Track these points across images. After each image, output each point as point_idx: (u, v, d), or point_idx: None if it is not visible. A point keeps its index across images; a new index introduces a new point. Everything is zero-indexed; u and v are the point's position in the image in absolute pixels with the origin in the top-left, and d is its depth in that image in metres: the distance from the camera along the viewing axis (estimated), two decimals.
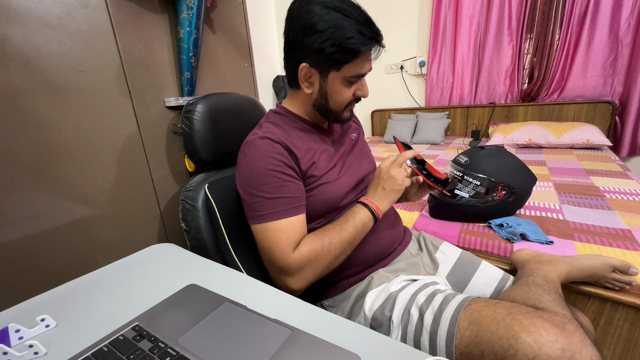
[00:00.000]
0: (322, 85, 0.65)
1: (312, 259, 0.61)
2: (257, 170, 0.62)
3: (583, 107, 2.30)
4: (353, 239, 0.63)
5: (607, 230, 0.99)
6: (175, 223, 1.24)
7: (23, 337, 0.42)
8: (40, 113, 0.86)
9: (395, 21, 2.89)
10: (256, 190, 0.62)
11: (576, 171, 1.61)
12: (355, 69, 0.62)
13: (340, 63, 0.61)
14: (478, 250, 1.01)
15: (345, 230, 0.63)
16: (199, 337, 0.40)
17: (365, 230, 0.65)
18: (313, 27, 0.59)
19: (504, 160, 1.08)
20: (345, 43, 0.58)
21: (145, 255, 0.65)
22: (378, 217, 0.65)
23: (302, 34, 0.61)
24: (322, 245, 0.61)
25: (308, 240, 0.62)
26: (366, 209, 0.65)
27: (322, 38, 0.58)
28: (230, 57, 1.43)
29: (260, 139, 0.64)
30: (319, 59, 0.61)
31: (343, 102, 0.67)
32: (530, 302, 0.56)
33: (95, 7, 0.95)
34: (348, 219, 0.64)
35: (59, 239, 0.92)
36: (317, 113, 0.70)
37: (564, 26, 2.23)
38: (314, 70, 0.63)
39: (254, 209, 0.63)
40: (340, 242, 0.62)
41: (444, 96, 2.87)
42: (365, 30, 0.59)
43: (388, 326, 0.61)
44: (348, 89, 0.65)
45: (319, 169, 0.67)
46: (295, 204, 0.63)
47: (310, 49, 0.60)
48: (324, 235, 0.63)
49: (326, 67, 0.62)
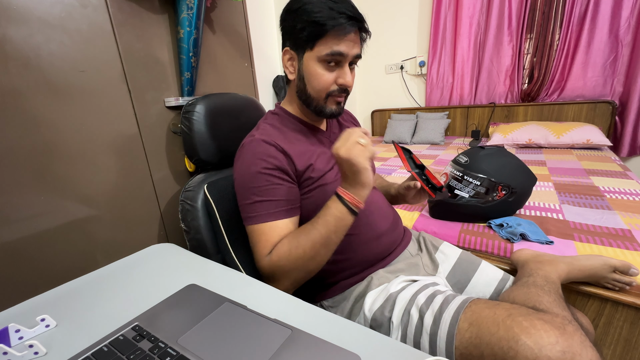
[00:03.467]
0: (300, 67, 0.66)
1: (281, 264, 0.59)
2: (248, 172, 0.63)
3: (583, 107, 2.30)
4: (326, 237, 0.57)
5: (607, 230, 0.99)
6: (175, 223, 1.24)
7: (23, 337, 0.42)
8: (40, 113, 0.86)
9: (396, 21, 2.89)
10: (247, 192, 0.63)
11: (576, 171, 1.61)
12: (329, 47, 0.61)
13: (312, 39, 0.61)
14: (478, 250, 1.01)
15: (315, 229, 0.58)
16: (199, 337, 0.40)
17: (343, 225, 0.58)
18: (291, 9, 0.63)
19: (503, 160, 1.08)
20: (313, 17, 0.59)
21: (145, 255, 0.65)
22: (356, 208, 0.57)
23: (284, 19, 0.65)
24: (289, 249, 0.59)
25: (279, 244, 0.60)
26: (339, 203, 0.57)
27: (295, 16, 0.62)
28: (230, 57, 1.43)
29: (255, 141, 0.64)
30: (295, 39, 0.63)
31: (320, 86, 0.64)
32: (530, 303, 0.56)
33: (95, 7, 0.95)
34: (319, 217, 0.59)
35: (59, 239, 0.92)
36: (304, 106, 0.70)
37: (564, 26, 2.24)
38: (293, 53, 0.66)
39: (245, 210, 0.64)
40: (310, 242, 0.58)
41: (444, 96, 2.87)
42: (335, 6, 0.59)
43: (388, 327, 0.61)
44: (326, 72, 0.63)
45: (316, 171, 0.67)
46: (283, 207, 0.63)
47: (287, 30, 0.64)
48: (293, 238, 0.60)
49: (301, 46, 0.64)
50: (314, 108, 0.68)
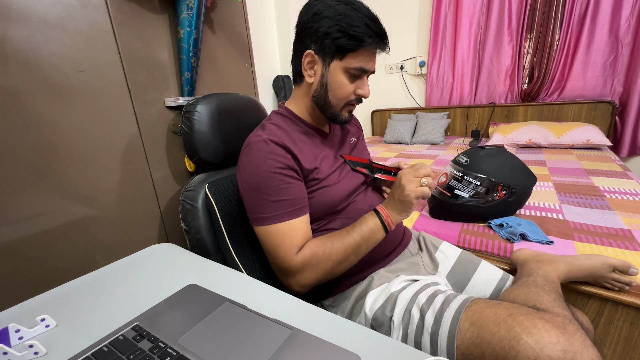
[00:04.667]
0: (324, 73, 0.65)
1: (313, 263, 0.61)
2: (260, 173, 0.62)
3: (583, 107, 2.30)
4: (358, 246, 0.62)
5: (607, 230, 0.99)
6: (175, 223, 1.24)
7: (23, 337, 0.42)
8: (40, 113, 0.86)
9: (396, 21, 2.89)
10: (259, 192, 0.62)
11: (576, 171, 1.61)
12: (358, 62, 0.63)
13: (344, 51, 0.62)
14: (478, 250, 1.01)
15: (350, 236, 0.62)
16: (199, 337, 0.40)
17: (374, 238, 0.64)
18: (322, 14, 0.62)
19: (503, 160, 1.08)
20: (351, 30, 0.60)
21: (145, 255, 0.65)
22: (389, 227, 0.64)
23: (311, 20, 0.63)
24: (324, 250, 0.62)
25: (312, 244, 0.63)
26: (376, 217, 0.64)
27: (330, 23, 0.61)
28: (230, 57, 1.43)
29: (264, 140, 0.64)
30: (324, 44, 0.63)
31: (342, 96, 0.66)
32: (530, 302, 0.56)
33: (95, 7, 0.95)
34: (355, 226, 0.64)
35: (59, 239, 0.92)
36: (317, 109, 0.70)
37: (564, 26, 2.24)
38: (317, 58, 0.65)
39: (257, 211, 0.63)
40: (343, 247, 0.62)
41: (444, 96, 2.87)
42: (372, 25, 0.61)
43: (389, 326, 0.61)
44: (349, 83, 0.65)
45: (321, 173, 0.68)
46: (297, 205, 0.63)
47: (317, 33, 0.63)
48: (328, 240, 0.63)
49: (330, 54, 0.63)
50: (330, 114, 0.69)
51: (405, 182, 0.62)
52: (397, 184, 0.63)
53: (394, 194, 0.64)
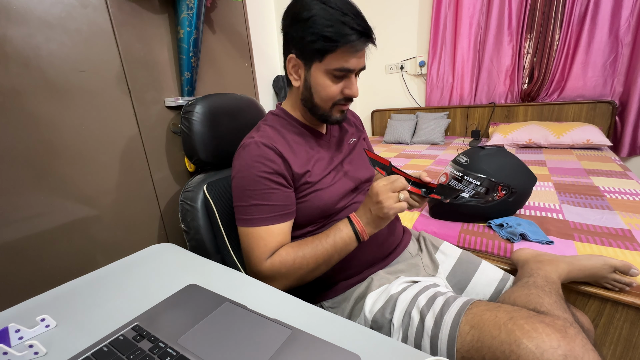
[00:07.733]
0: (306, 77, 0.65)
1: (283, 271, 0.61)
2: (246, 175, 0.63)
3: (583, 107, 2.30)
4: (330, 256, 0.61)
5: (607, 230, 0.99)
6: (175, 223, 1.24)
7: (23, 337, 0.42)
8: (40, 113, 0.86)
9: (396, 21, 2.89)
10: (244, 194, 0.63)
11: (576, 171, 1.61)
12: (339, 62, 0.61)
13: (322, 53, 0.60)
14: (478, 250, 1.01)
15: (322, 246, 0.61)
16: (199, 337, 0.40)
17: (346, 250, 0.62)
18: (298, 17, 0.61)
19: (503, 160, 1.08)
20: (325, 31, 0.58)
21: (145, 255, 0.65)
22: (362, 239, 0.62)
23: (290, 25, 0.63)
24: (294, 259, 0.61)
25: (282, 251, 0.62)
26: (350, 228, 0.61)
27: (304, 26, 0.60)
28: (230, 57, 1.43)
29: (255, 143, 0.64)
30: (303, 48, 0.62)
31: (328, 97, 0.65)
32: (531, 305, 0.56)
33: (95, 7, 0.95)
34: (329, 235, 0.62)
35: (59, 239, 0.92)
36: (307, 111, 0.70)
37: (564, 26, 2.23)
38: (299, 62, 0.64)
39: (240, 212, 0.65)
40: (314, 257, 0.61)
41: (444, 96, 2.87)
42: (348, 21, 0.58)
43: (388, 329, 0.61)
44: (333, 84, 0.64)
45: (313, 176, 0.67)
46: (279, 212, 0.63)
47: (294, 38, 0.62)
48: (300, 249, 0.62)
49: (309, 57, 0.62)
50: (320, 116, 0.69)
51: (383, 198, 0.58)
52: (375, 199, 0.59)
53: (371, 209, 0.60)
